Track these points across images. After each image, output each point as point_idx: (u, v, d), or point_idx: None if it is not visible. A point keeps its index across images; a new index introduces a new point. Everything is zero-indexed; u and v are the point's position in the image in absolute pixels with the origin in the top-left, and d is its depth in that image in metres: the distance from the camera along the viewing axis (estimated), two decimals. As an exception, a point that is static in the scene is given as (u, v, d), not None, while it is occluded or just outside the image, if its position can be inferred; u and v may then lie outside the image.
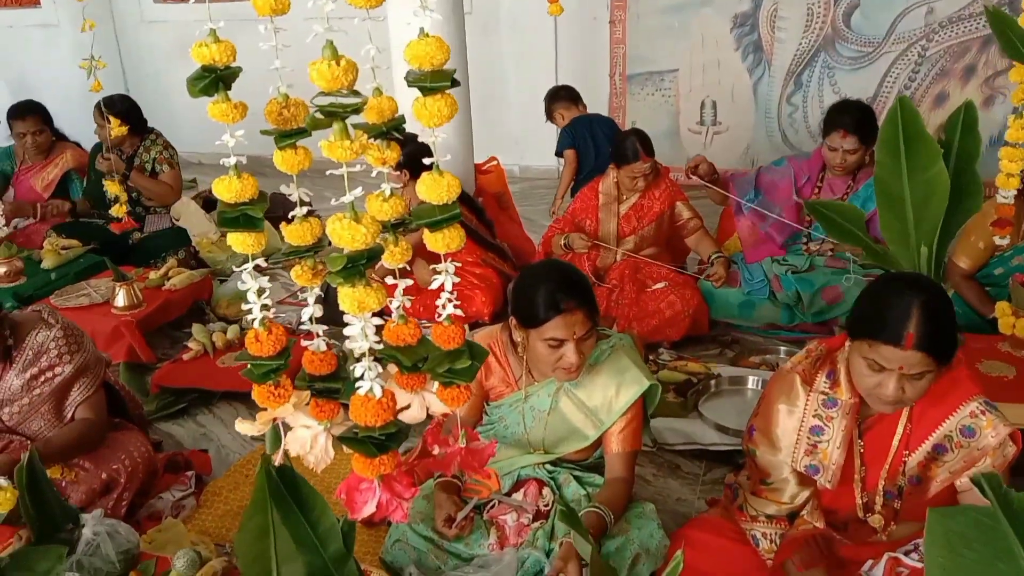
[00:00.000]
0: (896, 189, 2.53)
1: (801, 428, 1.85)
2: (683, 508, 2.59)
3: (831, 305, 3.56)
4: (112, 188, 4.08)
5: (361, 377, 1.06)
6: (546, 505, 2.25)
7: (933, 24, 5.15)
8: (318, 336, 1.22)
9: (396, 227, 1.13)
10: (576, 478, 2.30)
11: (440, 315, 1.16)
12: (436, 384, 1.22)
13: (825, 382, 1.86)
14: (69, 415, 2.61)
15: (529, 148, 6.34)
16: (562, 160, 4.92)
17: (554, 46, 6.11)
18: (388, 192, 1.04)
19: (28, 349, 2.57)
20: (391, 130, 1.05)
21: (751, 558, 1.95)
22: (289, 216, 1.10)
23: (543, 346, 2.06)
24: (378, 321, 1.08)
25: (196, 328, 3.66)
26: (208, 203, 4.84)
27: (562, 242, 3.82)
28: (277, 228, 4.26)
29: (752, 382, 3.08)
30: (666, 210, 3.80)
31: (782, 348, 3.48)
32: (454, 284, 1.11)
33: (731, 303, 3.69)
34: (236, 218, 1.09)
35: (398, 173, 3.68)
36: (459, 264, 1.17)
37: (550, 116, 4.97)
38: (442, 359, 1.20)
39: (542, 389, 2.26)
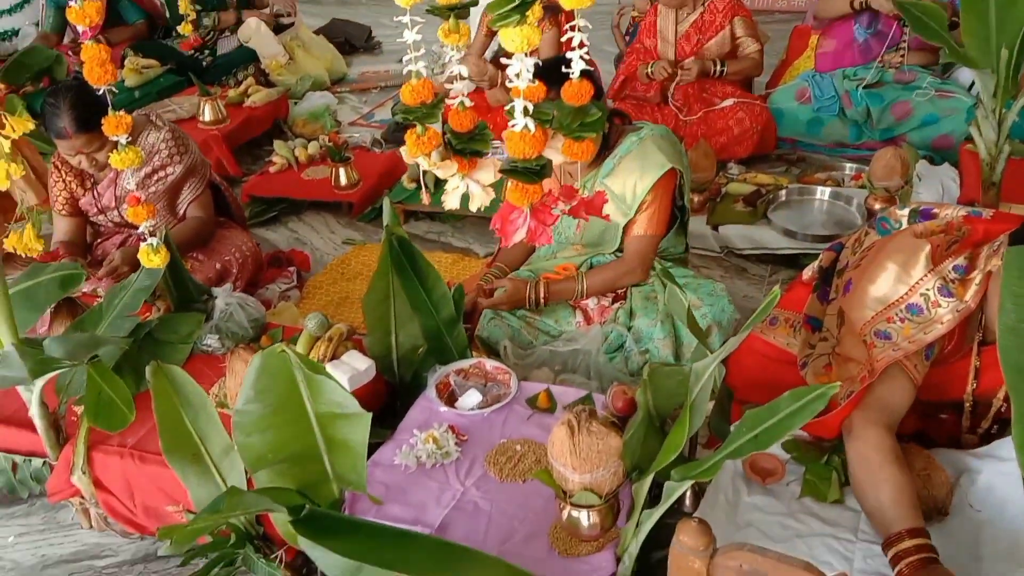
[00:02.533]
0: (981, -9, 2.53)
1: (901, 298, 1.67)
2: (750, 304, 2.77)
3: (900, 121, 3.60)
4: (183, 5, 4.18)
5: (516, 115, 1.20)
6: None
7: None
8: (462, 95, 1.37)
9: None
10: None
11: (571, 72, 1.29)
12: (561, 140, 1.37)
13: (952, 272, 1.64)
14: (181, 212, 2.83)
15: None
16: None
17: None
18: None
19: (141, 149, 2.75)
20: None
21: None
22: None
23: None
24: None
25: (278, 144, 3.83)
26: (277, 26, 4.90)
27: (647, 71, 3.81)
28: (342, 54, 4.34)
29: (820, 192, 3.19)
30: (727, 25, 3.77)
31: (847, 165, 3.55)
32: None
33: (800, 120, 3.74)
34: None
35: None
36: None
37: None
38: (573, 114, 1.34)
39: (582, 186, 2.36)
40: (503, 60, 1.22)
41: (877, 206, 2.98)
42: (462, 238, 3.32)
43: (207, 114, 3.79)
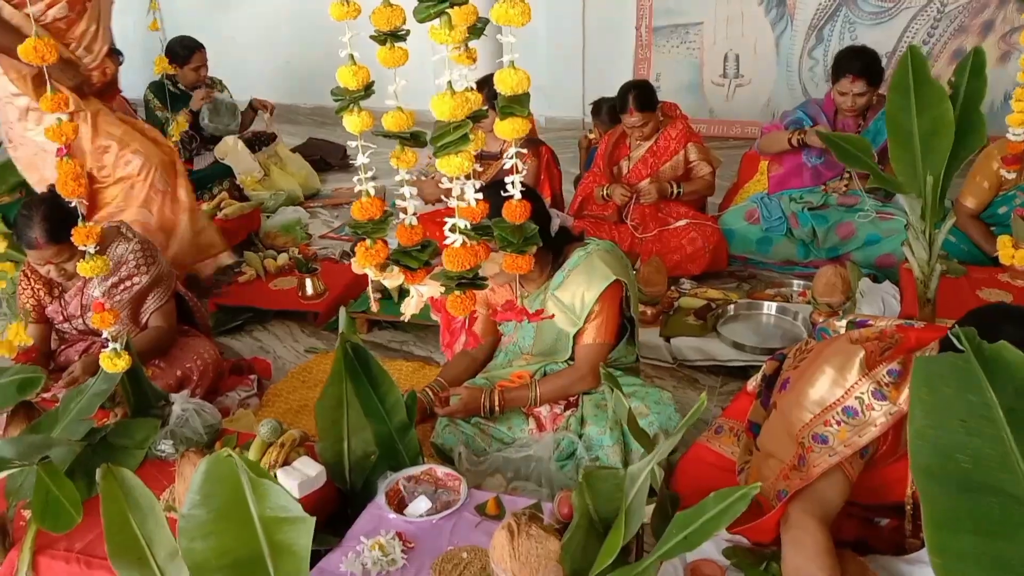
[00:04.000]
0: (905, 124, 2.73)
1: (837, 401, 1.75)
2: (701, 415, 2.82)
3: (844, 240, 3.78)
4: (182, 124, 4.37)
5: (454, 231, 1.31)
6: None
7: (954, -21, 5.29)
8: (410, 214, 1.47)
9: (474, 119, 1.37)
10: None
11: (512, 192, 1.40)
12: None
13: (886, 376, 1.72)
14: (144, 321, 2.89)
15: (556, 98, 6.51)
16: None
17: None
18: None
19: (109, 259, 2.83)
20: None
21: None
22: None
23: None
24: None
25: (248, 255, 3.94)
26: (250, 143, 5.09)
27: (602, 193, 4.00)
28: (317, 171, 4.49)
29: (767, 307, 3.31)
30: (680, 150, 4.00)
31: (795, 282, 3.69)
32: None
33: (750, 239, 3.92)
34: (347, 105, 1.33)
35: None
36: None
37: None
38: (512, 231, 1.45)
39: (534, 298, 2.47)
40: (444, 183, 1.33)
41: (820, 320, 3.11)
42: (423, 347, 3.38)
43: (179, 226, 3.90)
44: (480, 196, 1.40)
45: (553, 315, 2.39)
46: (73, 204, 1.94)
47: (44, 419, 2.02)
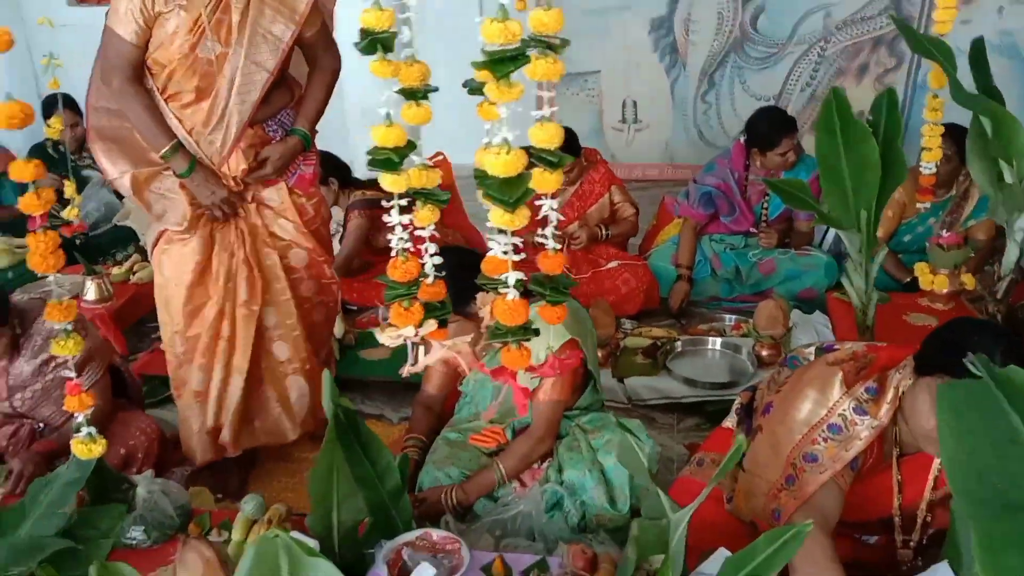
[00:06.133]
0: (835, 163, 2.90)
1: (822, 419, 1.86)
2: (665, 452, 2.87)
3: (767, 276, 3.95)
4: (69, 189, 4.08)
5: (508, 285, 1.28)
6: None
7: (831, 27, 5.68)
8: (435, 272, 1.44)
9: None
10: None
11: (547, 243, 1.40)
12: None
13: (865, 394, 1.85)
14: (80, 398, 2.67)
15: (457, 145, 6.53)
16: None
17: (480, 47, 6.36)
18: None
19: (36, 335, 2.62)
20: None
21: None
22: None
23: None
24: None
25: (166, 320, 3.72)
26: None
27: (533, 240, 4.02)
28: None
29: (711, 343, 3.41)
30: (605, 193, 4.11)
31: (727, 316, 3.82)
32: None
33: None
34: (384, 160, 1.29)
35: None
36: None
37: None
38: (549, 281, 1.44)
39: (492, 357, 2.42)
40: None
41: (764, 352, 3.24)
42: (373, 404, 3.30)
43: (91, 293, 3.66)
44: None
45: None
46: None
47: (8, 514, 1.82)
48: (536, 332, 1.34)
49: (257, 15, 2.40)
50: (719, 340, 3.39)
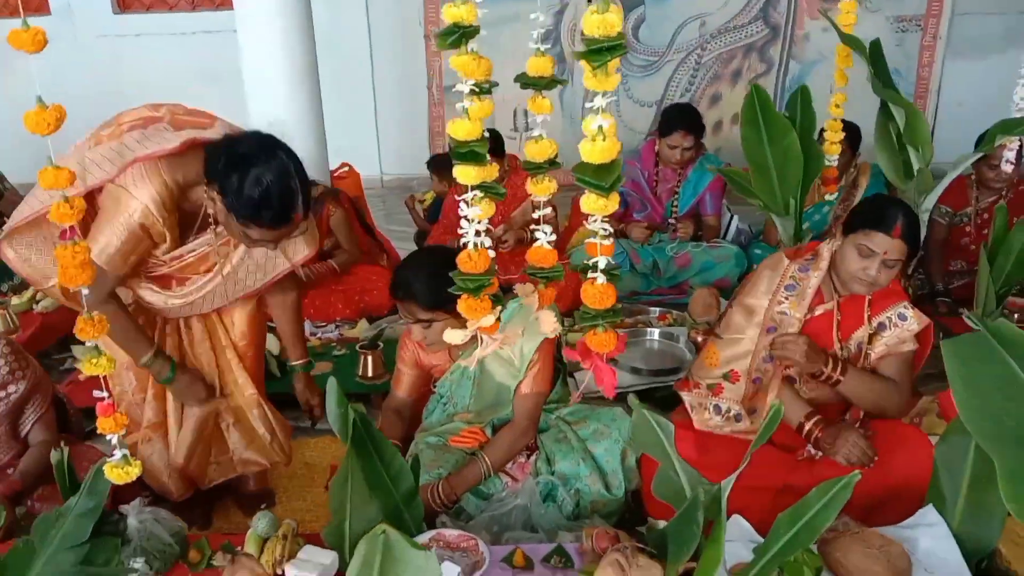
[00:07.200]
0: (761, 157, 3.12)
1: (779, 281, 2.39)
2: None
3: (682, 269, 4.16)
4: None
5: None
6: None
7: (706, 35, 6.04)
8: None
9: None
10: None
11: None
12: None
13: (807, 259, 2.42)
14: (24, 434, 2.49)
15: (350, 158, 6.47)
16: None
17: (370, 59, 6.34)
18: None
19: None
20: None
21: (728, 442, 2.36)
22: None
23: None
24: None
25: (78, 349, 3.49)
26: None
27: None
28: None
29: (650, 333, 3.56)
30: (527, 196, 4.19)
31: (651, 309, 3.99)
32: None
33: (601, 275, 4.17)
34: (466, 153, 1.32)
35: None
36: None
37: None
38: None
39: (467, 355, 2.45)
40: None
41: (700, 338, 3.41)
42: (327, 420, 3.20)
43: (-4, 325, 3.39)
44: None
45: None
46: None
47: (12, 556, 1.68)
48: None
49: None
50: (657, 331, 3.54)
